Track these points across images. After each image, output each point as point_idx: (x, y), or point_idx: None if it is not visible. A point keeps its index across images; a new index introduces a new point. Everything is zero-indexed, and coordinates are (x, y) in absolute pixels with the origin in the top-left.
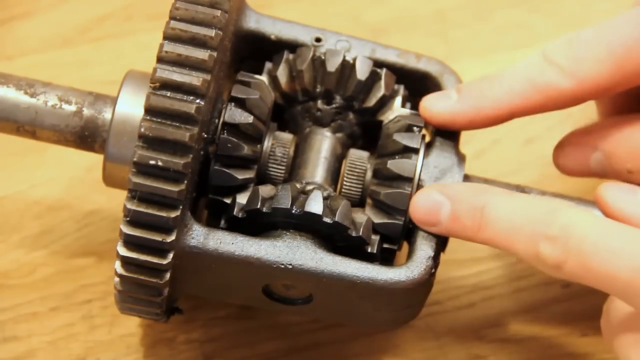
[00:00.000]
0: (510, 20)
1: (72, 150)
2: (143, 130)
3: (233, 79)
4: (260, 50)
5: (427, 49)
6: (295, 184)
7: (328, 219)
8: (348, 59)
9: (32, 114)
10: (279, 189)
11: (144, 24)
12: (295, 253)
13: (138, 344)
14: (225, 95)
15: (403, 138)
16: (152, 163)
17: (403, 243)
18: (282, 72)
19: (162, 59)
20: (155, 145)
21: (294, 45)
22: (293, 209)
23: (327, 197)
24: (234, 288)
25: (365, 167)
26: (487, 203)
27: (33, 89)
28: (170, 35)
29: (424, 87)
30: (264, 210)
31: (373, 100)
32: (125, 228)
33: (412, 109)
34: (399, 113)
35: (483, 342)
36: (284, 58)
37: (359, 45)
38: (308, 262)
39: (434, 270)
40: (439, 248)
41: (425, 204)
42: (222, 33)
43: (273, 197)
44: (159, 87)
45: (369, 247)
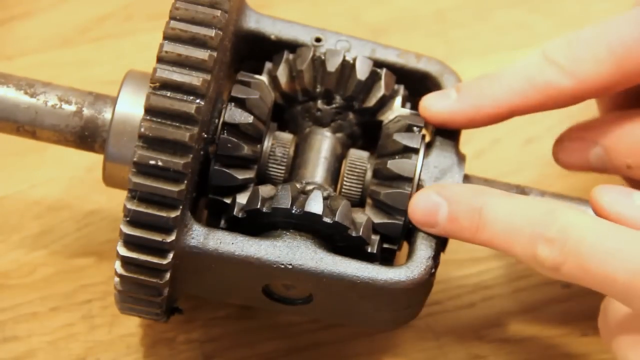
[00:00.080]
0: (510, 20)
1: (72, 150)
2: (143, 130)
3: (233, 79)
4: (260, 50)
5: (427, 49)
6: (295, 184)
7: (328, 219)
8: (348, 59)
9: (32, 114)
10: (279, 189)
11: (144, 24)
12: (295, 253)
13: (138, 344)
14: (225, 95)
15: (403, 138)
16: (152, 163)
17: (403, 243)
18: (282, 72)
19: (162, 59)
20: (155, 145)
21: (294, 45)
22: (293, 209)
23: (327, 197)
24: (234, 288)
25: (365, 167)
26: (484, 204)
27: (33, 89)
28: (170, 35)
29: (424, 87)
30: (264, 210)
31: (373, 100)
32: (125, 228)
33: (412, 109)
34: (399, 113)
35: (483, 342)
36: (284, 58)
37: (359, 45)
38: (308, 262)
39: (434, 270)
40: (439, 248)
41: (423, 206)
42: (222, 33)
43: (273, 197)
44: (159, 87)
45: (369, 247)
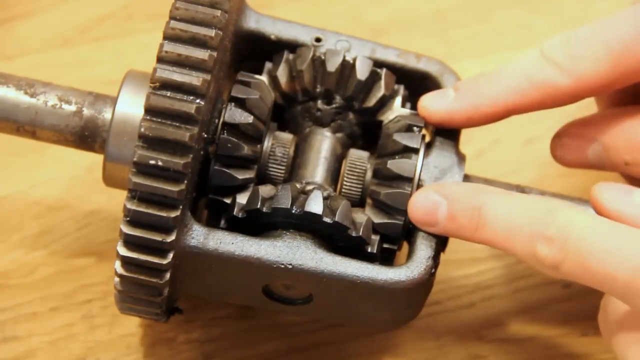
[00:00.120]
0: (510, 20)
1: (72, 150)
2: (143, 130)
3: (233, 79)
4: (260, 50)
5: (427, 49)
6: (295, 184)
7: (328, 219)
8: (348, 59)
9: (32, 114)
10: (279, 189)
11: (144, 24)
12: (295, 253)
13: (138, 344)
14: (225, 95)
15: (403, 138)
16: (152, 163)
17: (403, 243)
18: (282, 72)
19: (162, 59)
20: (155, 145)
21: (294, 45)
22: (293, 209)
23: (327, 197)
24: (234, 288)
25: (365, 167)
26: (484, 203)
27: (33, 89)
28: (170, 35)
29: (424, 87)
30: (264, 210)
31: (373, 100)
32: (125, 228)
33: (412, 109)
34: (399, 113)
35: (483, 342)
36: (284, 58)
37: (359, 45)
38: (308, 262)
39: (434, 270)
40: (439, 248)
41: (423, 205)
42: (222, 33)
43: (273, 197)
44: (159, 87)
45: (369, 247)
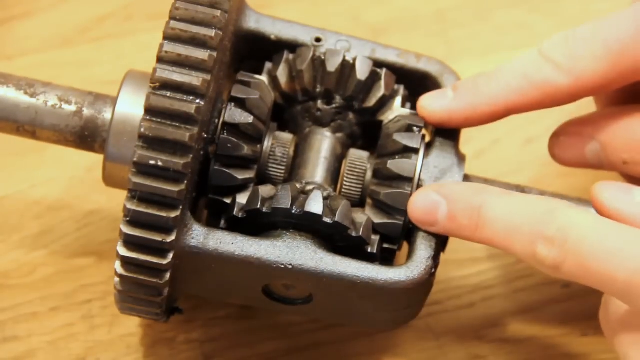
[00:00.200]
0: (510, 20)
1: (72, 150)
2: (143, 130)
3: (233, 79)
4: (260, 50)
5: (427, 49)
6: (295, 184)
7: (328, 219)
8: (348, 59)
9: (32, 114)
10: (279, 189)
11: (144, 24)
12: (295, 253)
13: (138, 344)
14: (225, 95)
15: (403, 138)
16: (152, 163)
17: (403, 243)
18: (282, 72)
19: (162, 59)
20: (155, 145)
21: (294, 45)
22: (293, 209)
23: (327, 197)
24: (234, 288)
25: (365, 167)
26: (484, 203)
27: (33, 89)
28: (170, 35)
29: (424, 87)
30: (264, 210)
31: (373, 100)
32: (125, 228)
33: (412, 109)
34: (399, 113)
35: (483, 342)
36: (284, 58)
37: (359, 45)
38: (308, 262)
39: (434, 270)
40: (439, 248)
41: (423, 204)
42: (222, 33)
43: (273, 197)
44: (159, 87)
45: (369, 247)
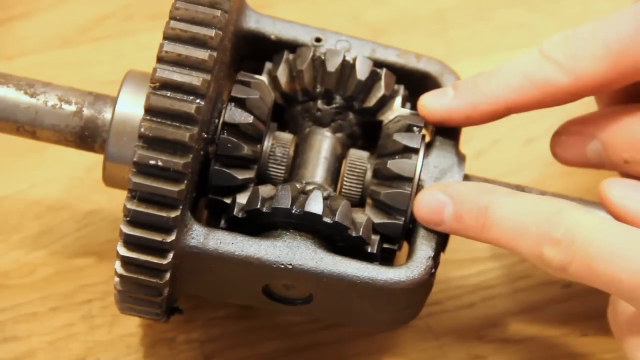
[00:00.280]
0: (510, 20)
1: (72, 150)
2: (143, 130)
3: (233, 79)
4: (260, 50)
5: (427, 49)
6: (295, 184)
7: (328, 219)
8: (348, 59)
9: (32, 114)
10: (279, 189)
11: (144, 24)
12: (295, 253)
13: (138, 344)
14: (225, 95)
15: (403, 138)
16: (152, 163)
17: (403, 243)
18: (282, 72)
19: (162, 59)
20: (155, 145)
21: (294, 45)
22: (293, 209)
23: (327, 197)
24: (234, 288)
25: (365, 167)
26: (491, 203)
27: (33, 89)
28: (170, 35)
29: (424, 87)
30: (264, 210)
31: (373, 100)
32: (125, 228)
33: (412, 109)
34: (399, 113)
35: (483, 342)
36: (284, 58)
37: (359, 45)
38: (308, 262)
39: (434, 270)
40: (439, 248)
41: (429, 204)
42: (222, 33)
43: (273, 197)
44: (159, 87)
45: (369, 247)
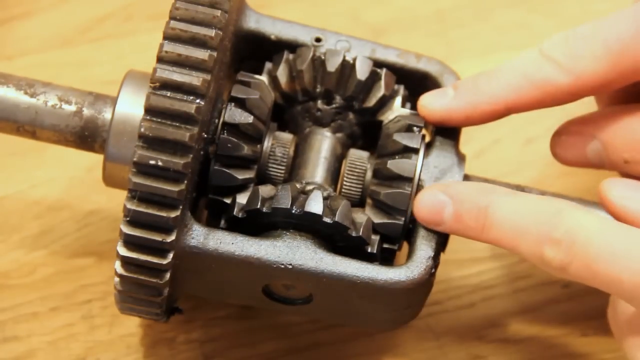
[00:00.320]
0: (510, 20)
1: (72, 150)
2: (143, 130)
3: (233, 79)
4: (260, 50)
5: (427, 49)
6: (295, 184)
7: (328, 219)
8: (348, 59)
9: (32, 114)
10: (279, 189)
11: (144, 24)
12: (295, 253)
13: (138, 344)
14: (225, 95)
15: (403, 138)
16: (152, 163)
17: (403, 243)
18: (282, 72)
19: (162, 59)
20: (155, 145)
21: (294, 45)
22: (293, 209)
23: (327, 197)
24: (234, 288)
25: (365, 167)
26: (491, 203)
27: (33, 89)
28: (170, 35)
29: (424, 87)
30: (264, 210)
31: (373, 100)
32: (125, 228)
33: (412, 109)
34: (399, 113)
35: (483, 342)
36: (284, 58)
37: (359, 45)
38: (308, 262)
39: (434, 270)
40: (439, 248)
41: (429, 204)
42: (222, 33)
43: (273, 197)
44: (159, 87)
45: (369, 247)
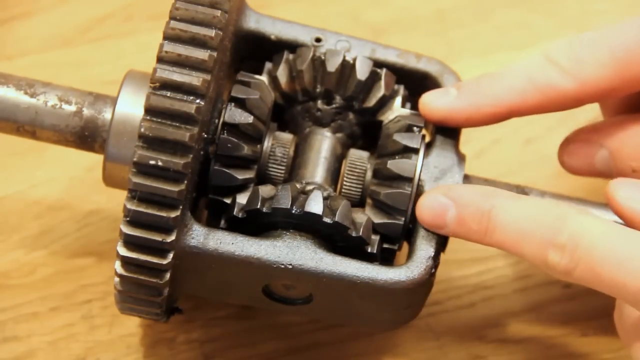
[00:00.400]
0: (510, 20)
1: (72, 150)
2: (143, 130)
3: (233, 79)
4: (260, 50)
5: (427, 49)
6: (295, 184)
7: (328, 219)
8: (348, 59)
9: (32, 114)
10: (279, 189)
11: (144, 24)
12: (295, 253)
13: (138, 344)
14: (225, 95)
15: (403, 138)
16: (152, 163)
17: (403, 243)
18: (282, 72)
19: (162, 59)
20: (155, 145)
21: (294, 45)
22: (293, 209)
23: (327, 197)
24: (234, 288)
25: (365, 167)
26: (494, 206)
27: (33, 89)
28: (170, 35)
29: (424, 87)
30: (264, 210)
31: (373, 100)
32: (125, 228)
33: (412, 109)
34: (399, 113)
35: (483, 342)
36: (284, 58)
37: (359, 45)
38: (308, 262)
39: (434, 270)
40: (439, 248)
41: (431, 207)
42: (222, 33)
43: (273, 197)
44: (159, 87)
45: (369, 247)
